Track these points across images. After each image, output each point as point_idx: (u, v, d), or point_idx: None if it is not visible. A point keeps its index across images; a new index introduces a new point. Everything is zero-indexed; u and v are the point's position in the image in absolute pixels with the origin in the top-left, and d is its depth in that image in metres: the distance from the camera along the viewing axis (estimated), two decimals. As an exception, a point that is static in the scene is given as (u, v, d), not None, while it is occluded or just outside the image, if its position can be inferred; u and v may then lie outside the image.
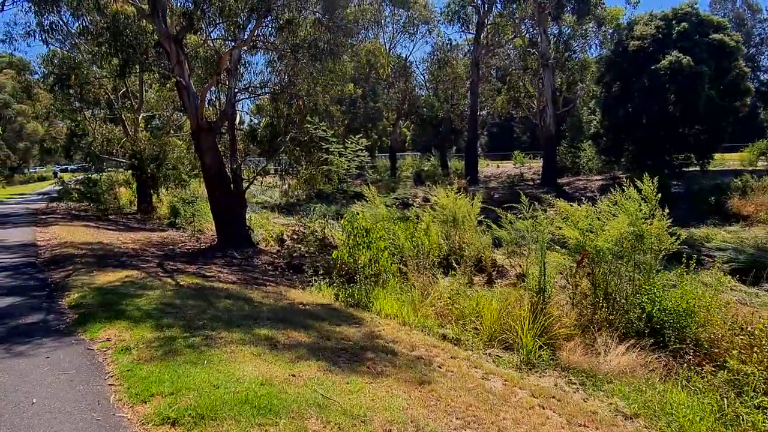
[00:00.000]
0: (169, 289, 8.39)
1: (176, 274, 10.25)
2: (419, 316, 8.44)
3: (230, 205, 14.81)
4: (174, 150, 24.29)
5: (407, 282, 10.41)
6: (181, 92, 14.26)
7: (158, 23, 13.52)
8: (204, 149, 14.37)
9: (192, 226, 19.10)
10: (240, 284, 9.93)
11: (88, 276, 8.98)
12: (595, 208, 8.67)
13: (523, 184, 33.50)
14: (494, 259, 12.77)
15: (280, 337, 6.13)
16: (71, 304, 7.04)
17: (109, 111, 27.32)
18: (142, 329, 5.89)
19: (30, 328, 6.05)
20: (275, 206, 29.92)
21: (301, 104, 14.02)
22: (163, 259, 12.33)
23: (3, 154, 56.83)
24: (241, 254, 14.30)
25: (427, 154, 51.05)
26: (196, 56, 15.96)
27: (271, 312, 7.50)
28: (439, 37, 42.89)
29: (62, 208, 25.13)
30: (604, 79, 28.60)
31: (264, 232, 18.03)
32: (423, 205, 26.78)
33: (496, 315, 7.67)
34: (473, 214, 13.82)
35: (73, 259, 10.76)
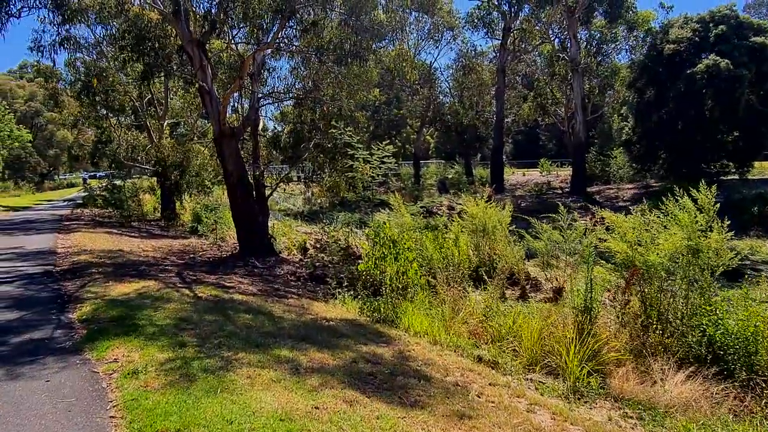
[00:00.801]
0: (186, 302, 7.95)
1: (195, 284, 9.82)
2: (451, 334, 7.84)
3: (252, 212, 14.41)
4: (197, 156, 24.13)
5: (436, 296, 9.82)
6: (203, 97, 13.96)
7: (181, 27, 13.25)
8: (226, 155, 14.02)
9: (214, 234, 18.79)
10: (261, 296, 9.45)
11: (103, 287, 8.60)
12: (644, 219, 7.95)
13: (551, 193, 32.62)
14: (527, 272, 12.08)
15: (302, 359, 5.60)
16: (81, 318, 6.63)
17: (134, 118, 27.42)
18: (153, 348, 5.42)
19: (35, 345, 5.63)
20: (298, 214, 29.57)
21: (326, 109, 13.58)
22: (183, 268, 11.95)
23: (33, 161, 58.02)
24: (263, 263, 13.86)
25: (451, 162, 50.36)
26: (219, 61, 15.67)
27: (292, 328, 6.97)
28: (464, 43, 42.35)
29: (87, 215, 25.18)
30: (636, 84, 27.65)
31: (287, 240, 17.61)
32: (448, 214, 26.20)
33: (537, 335, 7.02)
34: (504, 223, 13.16)
35: (91, 268, 10.44)
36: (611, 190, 30.32)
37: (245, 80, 13.61)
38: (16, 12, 10.09)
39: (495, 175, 36.46)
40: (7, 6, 9.90)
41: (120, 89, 22.84)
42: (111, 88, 22.19)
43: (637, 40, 35.06)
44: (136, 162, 25.30)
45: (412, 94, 42.81)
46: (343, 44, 11.04)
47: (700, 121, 24.39)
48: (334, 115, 13.89)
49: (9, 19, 10.01)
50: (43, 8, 10.47)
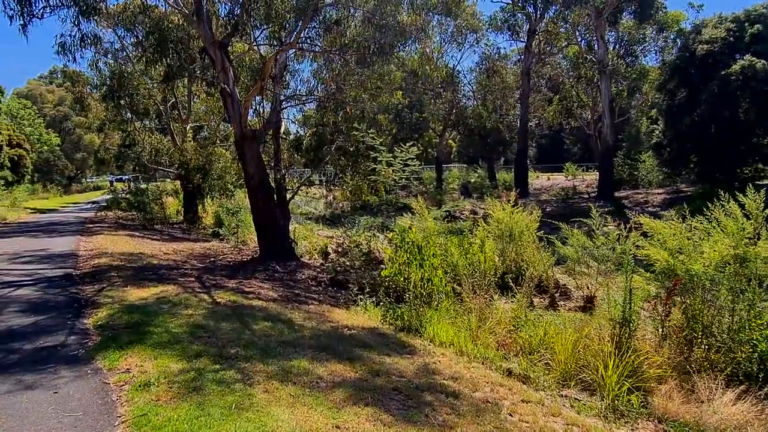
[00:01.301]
0: (204, 308, 7.72)
1: (214, 289, 9.62)
2: (478, 345, 7.46)
3: (273, 216, 14.22)
4: (220, 160, 24.14)
5: (461, 304, 9.45)
6: (225, 100, 13.83)
7: (203, 29, 13.14)
8: (247, 158, 13.86)
9: (235, 237, 18.69)
10: (281, 302, 9.19)
11: (121, 291, 8.44)
12: (686, 226, 7.46)
13: (577, 198, 31.90)
14: (556, 279, 11.61)
15: (322, 372, 5.30)
16: (97, 324, 6.44)
17: (158, 122, 27.66)
18: (167, 358, 5.17)
19: (48, 352, 5.43)
20: (319, 218, 29.37)
21: (349, 111, 13.33)
22: (203, 272, 11.79)
23: (61, 164, 59.20)
24: (284, 268, 13.65)
25: (473, 166, 49.80)
26: (241, 64, 15.57)
27: (313, 337, 6.68)
28: (487, 46, 41.84)
29: (111, 217, 25.38)
30: (667, 86, 26.84)
31: (308, 244, 17.40)
32: (471, 218, 25.73)
33: (571, 348, 6.60)
34: (532, 228, 12.71)
35: (111, 272, 10.32)
36: (640, 195, 29.49)
37: (267, 82, 13.43)
38: (38, 12, 10.06)
39: (519, 179, 35.85)
40: (29, 7, 9.88)
41: (144, 93, 22.98)
42: (135, 92, 22.33)
43: (666, 42, 34.16)
44: (160, 165, 25.47)
45: (435, 97, 42.42)
46: (367, 42, 10.76)
47: (735, 123, 23.51)
48: (356, 118, 13.63)
49: (32, 20, 9.98)
50: (64, 8, 10.42)
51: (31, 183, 51.54)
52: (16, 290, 8.46)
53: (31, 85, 63.53)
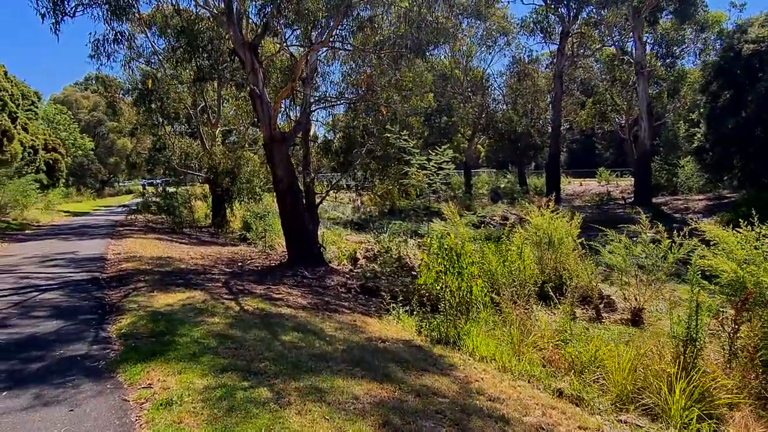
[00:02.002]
0: (232, 316, 7.36)
1: (242, 296, 9.28)
2: (522, 360, 6.91)
3: (302, 220, 13.88)
4: (248, 164, 24.04)
5: (499, 314, 8.91)
6: (254, 101, 13.58)
7: (233, 30, 12.94)
8: (276, 161, 13.57)
9: (263, 242, 18.47)
10: (310, 310, 8.79)
11: (147, 297, 8.16)
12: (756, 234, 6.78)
13: (612, 204, 30.89)
14: (599, 290, 10.95)
15: (357, 390, 4.85)
16: (120, 333, 6.12)
17: (187, 126, 27.80)
18: (192, 372, 4.79)
19: (68, 363, 5.12)
20: (347, 222, 29.01)
21: (383, 112, 12.92)
22: (231, 277, 11.49)
23: (95, 168, 60.41)
24: (312, 273, 13.28)
25: (503, 171, 48.96)
26: (270, 65, 15.32)
27: (345, 351, 6.24)
28: (518, 48, 41.07)
29: (141, 221, 25.50)
30: (710, 88, 25.73)
31: (336, 249, 17.04)
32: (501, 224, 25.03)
33: (628, 367, 6.01)
34: (572, 235, 12.08)
35: (137, 276, 10.09)
36: (679, 201, 28.32)
37: (297, 84, 13.13)
38: (70, 11, 9.95)
39: (551, 184, 34.91)
40: (62, 5, 9.77)
41: (174, 96, 23.05)
42: (166, 96, 22.42)
43: (706, 42, 32.92)
44: (189, 169, 25.51)
45: (464, 101, 41.82)
46: (402, 40, 10.33)
47: (783, 126, 22.38)
48: (388, 120, 13.22)
49: (63, 18, 9.87)
50: (96, 7, 10.29)
51: (66, 186, 52.68)
52: (43, 294, 8.26)
53: (67, 91, 65.04)
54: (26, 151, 26.92)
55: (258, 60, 13.29)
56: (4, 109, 20.98)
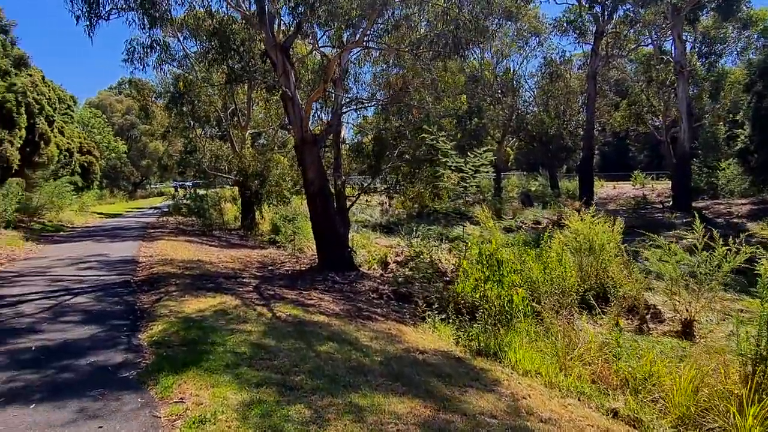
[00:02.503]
0: (264, 323, 7.12)
1: (273, 301, 9.06)
2: (570, 376, 6.49)
3: (333, 223, 13.65)
4: (277, 166, 24.01)
5: (541, 324, 8.48)
6: (286, 103, 13.43)
7: (265, 31, 12.82)
8: (307, 163, 13.38)
9: (292, 245, 18.33)
10: (344, 317, 8.51)
11: (178, 301, 7.99)
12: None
13: (649, 208, 29.90)
14: (645, 299, 10.38)
15: (399, 409, 4.52)
16: (151, 340, 5.92)
17: (218, 128, 27.97)
18: (226, 386, 4.54)
19: (97, 373, 4.92)
20: (375, 225, 28.73)
21: (415, 114, 12.60)
22: (261, 281, 11.31)
23: (127, 171, 61.59)
24: (343, 278, 13.03)
25: (533, 174, 48.03)
26: (302, 67, 15.17)
27: (383, 364, 5.93)
28: (550, 49, 40.23)
29: (172, 223, 25.70)
30: (754, 87, 24.65)
31: (366, 253, 16.77)
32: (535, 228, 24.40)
33: (689, 387, 5.54)
34: (615, 241, 11.54)
35: (169, 280, 9.97)
36: (721, 206, 27.22)
37: (328, 86, 12.91)
38: (105, 14, 9.94)
39: (584, 187, 34.06)
40: (97, 8, 9.76)
41: (205, 99, 23.17)
42: (197, 99, 22.54)
43: (749, 40, 31.65)
44: (219, 171, 25.63)
45: (494, 103, 41.15)
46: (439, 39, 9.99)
47: (834, 127, 21.26)
48: (422, 121, 12.91)
49: (98, 21, 9.88)
50: (131, 11, 10.27)
51: (100, 188, 53.84)
52: (74, 297, 8.17)
53: (101, 95, 66.60)
54: (62, 153, 27.40)
55: (290, 62, 13.13)
56: (42, 113, 21.34)
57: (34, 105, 20.77)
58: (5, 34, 16.66)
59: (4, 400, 4.20)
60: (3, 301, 7.75)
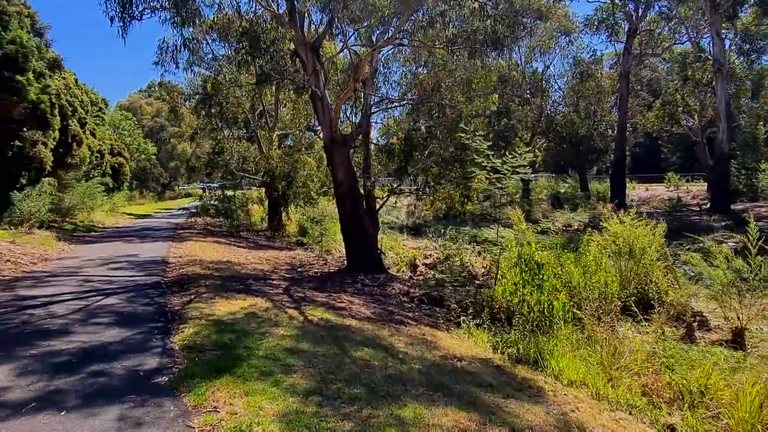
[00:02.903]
0: (296, 327, 6.92)
1: (304, 304, 8.87)
2: (619, 388, 6.12)
3: (362, 225, 13.44)
4: (304, 167, 23.96)
5: (581, 331, 8.11)
6: (315, 103, 13.29)
7: (295, 30, 12.70)
8: (337, 164, 13.20)
9: (319, 246, 18.20)
10: (376, 321, 8.26)
11: (209, 304, 7.85)
12: None
13: (686, 210, 28.94)
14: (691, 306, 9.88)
15: (444, 422, 4.24)
16: (183, 344, 5.75)
17: (245, 130, 28.09)
18: (261, 394, 4.33)
19: (129, 379, 4.76)
20: (402, 227, 28.45)
21: (448, 113, 12.30)
22: (291, 283, 11.14)
23: (156, 172, 62.59)
24: (373, 281, 12.81)
25: (562, 175, 47.15)
26: (331, 67, 15.01)
27: (422, 372, 5.65)
28: (580, 48, 39.37)
29: (200, 223, 25.85)
30: (799, 86, 23.62)
31: (394, 255, 16.53)
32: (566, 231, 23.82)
33: (755, 402, 5.13)
34: (656, 245, 11.05)
35: (198, 281, 9.87)
36: (762, 208, 26.15)
37: (358, 85, 12.71)
38: (137, 14, 9.92)
39: (616, 189, 33.16)
40: (130, 8, 9.75)
41: (233, 101, 23.24)
42: (225, 100, 22.62)
43: (791, 37, 30.42)
44: (246, 173, 25.71)
45: (523, 103, 40.48)
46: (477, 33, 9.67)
47: None
48: (453, 121, 12.61)
49: (131, 21, 9.87)
50: (163, 10, 10.24)
51: (130, 189, 54.81)
52: (105, 298, 8.10)
53: (132, 98, 67.84)
54: (94, 155, 27.85)
55: (319, 61, 12.98)
56: (74, 115, 21.67)
57: (67, 107, 21.10)
58: (40, 36, 16.90)
59: (35, 406, 4.07)
60: (36, 301, 7.71)
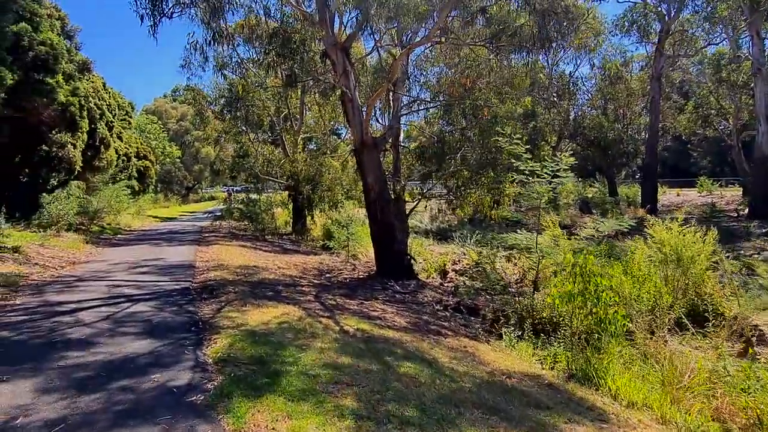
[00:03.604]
0: (333, 338, 6.54)
1: (337, 312, 8.51)
2: (688, 412, 5.60)
3: (392, 230, 13.05)
4: (329, 170, 23.69)
5: (633, 345, 7.59)
6: (345, 105, 12.95)
7: (325, 30, 12.40)
8: (367, 167, 12.84)
9: (346, 251, 17.86)
10: (413, 332, 7.85)
11: (240, 312, 7.52)
12: None
13: (723, 216, 27.91)
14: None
15: (508, 452, 3.82)
16: (217, 357, 5.41)
17: (270, 133, 27.98)
18: (306, 417, 3.95)
19: (162, 396, 4.40)
20: (426, 231, 27.98)
21: (486, 113, 11.85)
22: (320, 290, 10.79)
23: (181, 175, 63.14)
24: (403, 288, 12.40)
25: (589, 180, 46.13)
26: (361, 68, 14.70)
27: (472, 391, 5.22)
28: (609, 50, 38.48)
29: (224, 227, 25.74)
30: None
31: (422, 260, 16.10)
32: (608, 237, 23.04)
33: None
34: (706, 253, 10.44)
35: (227, 287, 9.57)
36: (805, 215, 25.03)
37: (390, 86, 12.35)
38: (168, 11, 9.73)
39: (647, 194, 32.28)
40: (160, 5, 9.56)
41: (259, 104, 23.10)
42: (251, 104, 22.48)
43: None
44: (271, 176, 25.55)
45: (549, 107, 39.70)
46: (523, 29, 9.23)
47: None
48: (488, 123, 12.16)
49: (161, 19, 9.69)
50: (194, 6, 10.03)
51: (155, 192, 55.34)
52: (133, 305, 7.83)
53: (157, 102, 68.60)
54: (120, 158, 28.00)
55: (350, 61, 12.66)
56: (102, 118, 21.73)
57: (95, 111, 21.15)
58: (70, 39, 16.92)
59: (62, 428, 3.74)
60: (63, 307, 7.47)
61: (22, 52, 12.28)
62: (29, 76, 12.49)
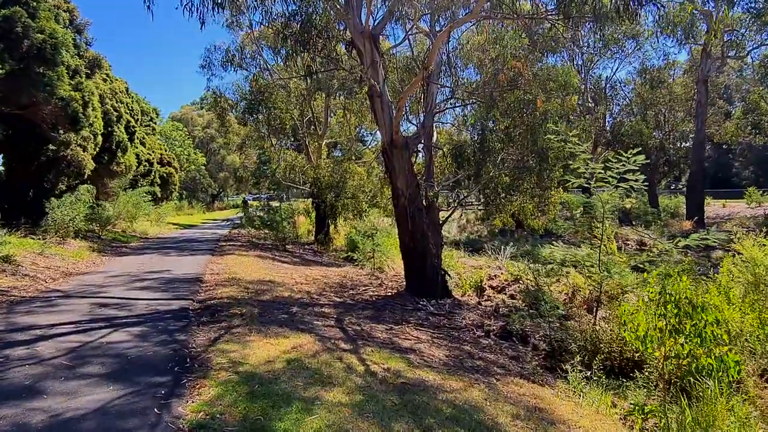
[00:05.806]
0: (356, 385, 5.00)
1: (361, 342, 6.97)
2: None
3: (425, 241, 11.49)
4: (353, 177, 22.29)
5: (737, 392, 5.88)
6: (373, 100, 11.48)
7: (352, 15, 11.00)
8: (396, 171, 11.33)
9: (371, 263, 16.37)
10: (456, 372, 6.25)
11: (241, 344, 6.03)
12: None
13: (780, 229, 25.58)
14: None
15: None
16: (194, 422, 3.88)
17: (293, 138, 26.84)
18: None
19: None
20: (455, 242, 26.34)
21: (539, 104, 10.27)
22: (343, 311, 9.28)
23: (206, 183, 62.74)
24: (438, 308, 10.81)
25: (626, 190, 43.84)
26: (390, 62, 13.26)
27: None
28: (649, 52, 36.31)
29: (244, 235, 24.57)
30: None
31: (456, 275, 14.51)
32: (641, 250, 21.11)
33: None
34: (807, 275, 8.60)
35: (233, 308, 8.12)
36: None
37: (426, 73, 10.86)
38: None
39: (694, 205, 30.08)
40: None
41: (281, 107, 21.86)
42: (273, 106, 21.24)
43: None
44: (293, 183, 24.35)
45: (584, 113, 37.69)
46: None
47: None
48: (536, 122, 10.59)
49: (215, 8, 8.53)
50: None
51: (179, 200, 54.83)
52: (112, 333, 6.40)
53: (184, 109, 68.59)
54: (142, 164, 27.17)
55: (379, 51, 11.23)
56: (119, 121, 20.76)
57: (111, 112, 20.21)
58: (79, 33, 15.88)
59: None
60: (24, 334, 6.09)
61: (16, 39, 11.16)
62: (26, 68, 11.37)
